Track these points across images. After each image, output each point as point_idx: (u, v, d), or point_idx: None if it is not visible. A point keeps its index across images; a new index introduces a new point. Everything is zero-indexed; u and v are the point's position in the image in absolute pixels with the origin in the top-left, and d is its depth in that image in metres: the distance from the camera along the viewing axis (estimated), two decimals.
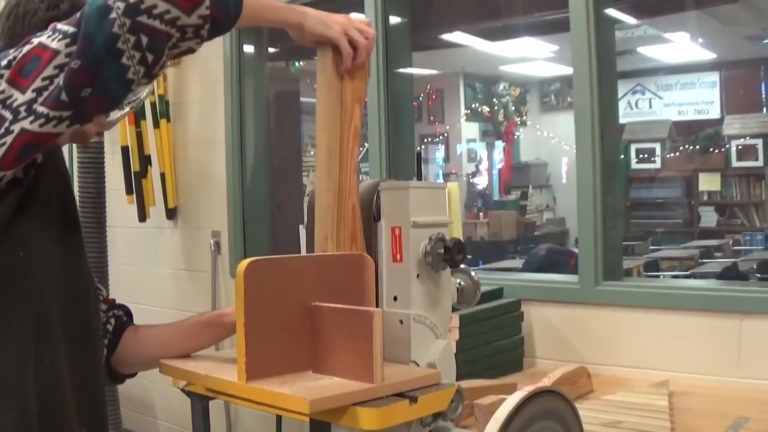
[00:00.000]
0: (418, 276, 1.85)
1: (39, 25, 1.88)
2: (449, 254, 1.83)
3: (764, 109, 11.88)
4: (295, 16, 1.97)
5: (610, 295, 3.56)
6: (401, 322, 1.85)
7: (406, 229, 1.84)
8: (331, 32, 1.99)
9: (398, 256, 1.86)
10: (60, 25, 1.69)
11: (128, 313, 2.38)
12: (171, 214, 5.54)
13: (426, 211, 1.87)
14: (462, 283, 2.00)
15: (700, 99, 12.40)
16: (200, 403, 2.10)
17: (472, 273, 2.02)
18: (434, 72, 13.09)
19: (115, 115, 4.62)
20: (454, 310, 1.99)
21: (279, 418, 2.16)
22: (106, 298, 2.34)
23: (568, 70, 4.35)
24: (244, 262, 1.71)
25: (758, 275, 7.74)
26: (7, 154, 1.69)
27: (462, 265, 1.93)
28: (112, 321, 2.30)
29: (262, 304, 1.72)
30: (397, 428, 1.69)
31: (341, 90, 2.03)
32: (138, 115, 5.22)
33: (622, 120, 11.20)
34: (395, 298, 1.87)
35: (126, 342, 2.28)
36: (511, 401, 1.75)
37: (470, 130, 14.64)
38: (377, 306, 1.89)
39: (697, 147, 11.69)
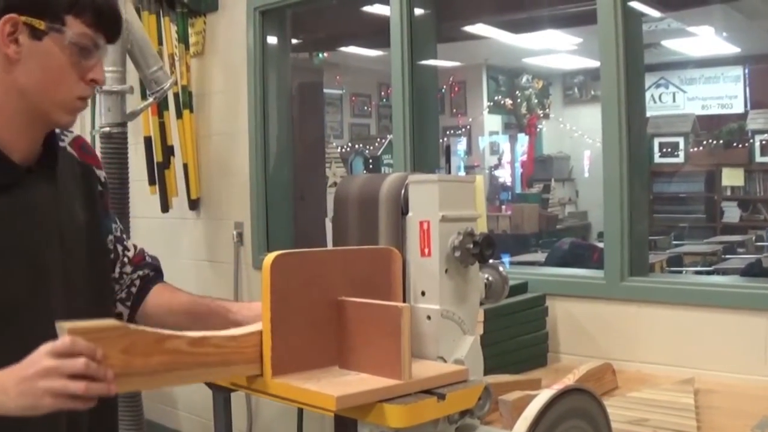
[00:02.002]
0: (446, 271, 1.82)
1: None
2: (478, 249, 1.81)
3: None
4: None
5: (635, 291, 3.53)
6: (429, 317, 1.83)
7: (435, 223, 1.82)
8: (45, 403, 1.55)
9: (426, 251, 1.84)
10: None
11: (156, 269, 2.39)
12: (194, 204, 5.54)
13: (455, 205, 1.84)
14: (490, 278, 1.98)
15: (724, 93, 12.32)
16: (222, 394, 2.08)
17: (501, 268, 1.99)
18: (457, 64, 13.07)
19: (138, 105, 4.64)
20: (481, 305, 1.97)
21: (300, 411, 2.14)
22: (132, 257, 2.33)
23: (591, 63, 4.33)
24: (271, 256, 1.69)
25: None
26: None
27: (490, 260, 1.91)
28: (137, 282, 2.29)
29: (288, 299, 1.70)
30: (424, 426, 1.67)
31: None
32: (161, 106, 5.21)
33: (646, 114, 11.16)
34: (423, 293, 1.85)
35: (148, 302, 2.30)
36: (540, 399, 1.73)
37: (493, 122, 14.62)
38: (404, 301, 1.86)
39: (721, 141, 11.62)
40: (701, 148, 11.86)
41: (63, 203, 2.05)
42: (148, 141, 5.33)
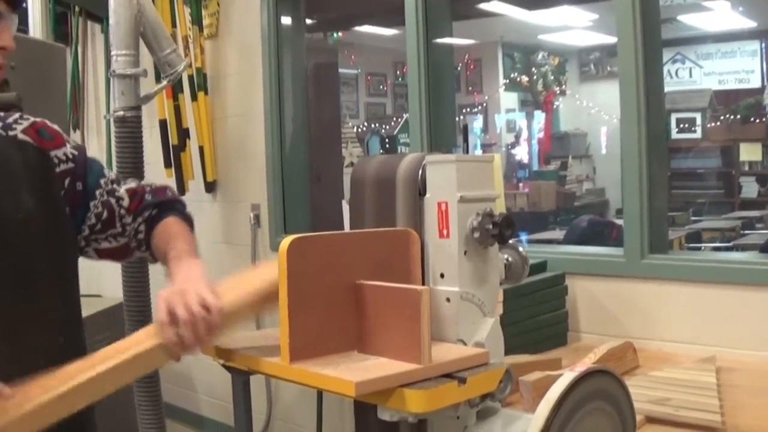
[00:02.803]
0: (465, 252, 1.80)
1: None
2: (498, 230, 1.79)
3: None
4: None
5: (655, 269, 3.50)
6: (448, 300, 1.81)
7: (453, 204, 1.80)
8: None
9: (445, 232, 1.82)
10: None
11: (157, 204, 2.30)
12: (210, 187, 5.53)
13: (473, 185, 1.82)
14: (510, 258, 1.95)
15: (740, 68, 12.25)
16: (241, 377, 2.07)
17: (520, 248, 1.97)
18: (472, 42, 13.03)
19: (152, 88, 4.62)
20: (500, 286, 1.95)
21: (320, 394, 2.13)
22: (128, 206, 2.25)
23: (607, 39, 4.30)
24: (287, 240, 1.67)
25: None
26: None
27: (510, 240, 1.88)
28: (142, 228, 2.24)
29: (305, 283, 1.69)
30: (444, 410, 1.66)
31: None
32: (176, 89, 5.20)
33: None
34: (442, 276, 1.83)
35: (152, 245, 2.25)
36: (562, 382, 1.70)
37: (509, 100, 14.59)
38: (423, 283, 1.84)
39: (738, 116, 11.56)
40: (718, 123, 11.80)
41: (2, 185, 1.98)
42: (163, 124, 5.32)
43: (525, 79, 14.41)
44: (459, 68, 13.80)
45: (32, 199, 2.01)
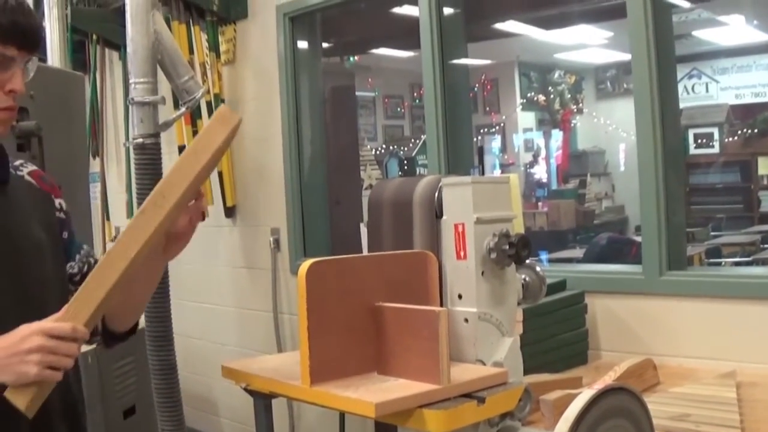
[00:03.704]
0: (482, 273, 1.82)
1: None
2: (514, 250, 1.80)
3: None
4: None
5: (674, 285, 3.50)
6: (466, 320, 1.82)
7: (470, 225, 1.81)
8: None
9: (462, 253, 1.83)
10: None
11: None
12: (230, 212, 5.56)
13: (489, 206, 1.84)
14: (527, 278, 1.97)
15: (757, 81, 12.21)
16: (263, 401, 2.09)
17: (537, 268, 1.98)
18: (489, 62, 13.04)
19: (171, 115, 4.65)
20: (519, 305, 1.96)
21: (342, 416, 2.14)
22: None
23: (623, 56, 4.31)
24: (306, 264, 1.69)
25: None
26: None
27: (527, 260, 1.90)
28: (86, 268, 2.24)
29: (325, 306, 1.70)
30: (464, 429, 1.67)
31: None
32: (194, 115, 5.23)
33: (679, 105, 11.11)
34: (460, 296, 1.85)
35: None
36: (581, 400, 1.71)
37: (526, 119, 14.58)
38: (441, 305, 1.86)
39: (756, 130, 11.53)
40: (736, 137, 11.77)
41: (16, 216, 2.07)
42: (182, 150, 5.35)
43: (542, 98, 14.40)
44: (476, 89, 13.80)
45: (41, 230, 2.09)
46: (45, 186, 2.20)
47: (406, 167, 12.23)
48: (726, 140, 11.75)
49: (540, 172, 14.48)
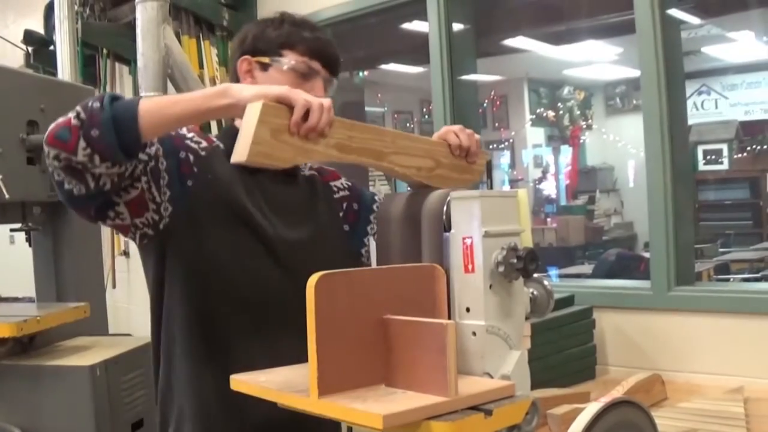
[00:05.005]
0: (490, 286, 1.82)
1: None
2: (522, 264, 1.81)
3: None
4: (221, 94, 1.93)
5: (682, 301, 3.51)
6: (474, 333, 1.83)
7: (478, 239, 1.82)
8: (275, 90, 1.89)
9: (470, 267, 1.84)
10: None
11: None
12: None
13: (497, 220, 1.84)
14: (535, 292, 1.97)
15: (766, 98, 12.22)
16: None
17: (545, 282, 1.99)
18: (498, 78, 13.06)
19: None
20: (526, 319, 1.96)
21: (350, 429, 2.15)
22: None
23: (632, 73, 4.32)
24: (314, 277, 1.70)
25: None
26: None
27: (535, 274, 1.90)
28: None
29: (334, 319, 1.71)
30: None
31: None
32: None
33: (688, 121, 11.12)
34: (468, 310, 1.85)
35: None
36: (587, 413, 1.72)
37: (536, 135, 14.59)
38: (449, 318, 1.86)
39: (765, 147, 11.54)
40: (745, 154, 11.78)
41: (309, 201, 2.53)
42: None
43: (551, 114, 14.43)
44: (485, 104, 13.82)
45: (325, 214, 2.56)
46: (324, 176, 2.70)
47: None
48: (735, 156, 11.75)
49: (549, 188, 14.50)
